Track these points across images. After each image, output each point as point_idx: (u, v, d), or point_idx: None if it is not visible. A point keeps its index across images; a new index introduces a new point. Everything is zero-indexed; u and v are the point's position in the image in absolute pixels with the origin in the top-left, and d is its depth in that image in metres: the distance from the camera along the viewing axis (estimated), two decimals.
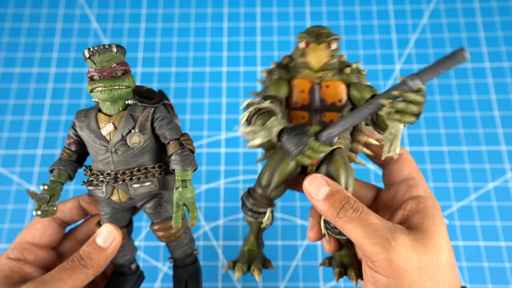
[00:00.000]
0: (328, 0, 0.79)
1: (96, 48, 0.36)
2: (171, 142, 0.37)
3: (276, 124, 0.33)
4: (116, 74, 0.37)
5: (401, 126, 0.30)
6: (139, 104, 0.38)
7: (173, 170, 0.37)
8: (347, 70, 0.37)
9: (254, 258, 0.41)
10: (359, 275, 0.39)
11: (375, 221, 0.33)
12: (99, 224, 0.41)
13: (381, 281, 0.32)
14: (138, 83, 0.41)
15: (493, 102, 0.70)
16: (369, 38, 0.76)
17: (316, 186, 0.35)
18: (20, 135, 0.70)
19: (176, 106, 0.73)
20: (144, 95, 0.40)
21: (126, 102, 0.38)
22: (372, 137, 0.39)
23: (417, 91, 0.28)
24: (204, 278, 0.61)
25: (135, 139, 0.37)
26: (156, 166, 0.38)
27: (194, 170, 0.37)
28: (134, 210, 0.43)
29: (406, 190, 0.38)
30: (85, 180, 0.39)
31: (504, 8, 0.76)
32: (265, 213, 0.39)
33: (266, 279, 0.61)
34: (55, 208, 0.37)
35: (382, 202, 0.41)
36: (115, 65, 0.37)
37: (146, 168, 0.37)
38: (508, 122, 0.69)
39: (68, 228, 0.44)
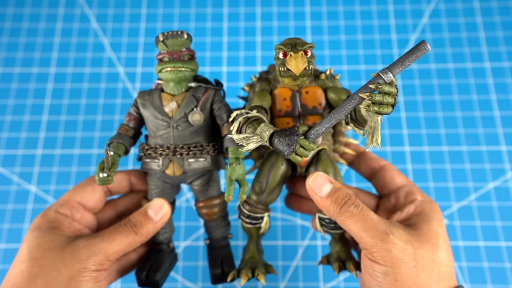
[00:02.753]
0: (328, 0, 0.79)
1: (170, 33, 0.41)
2: (226, 124, 0.41)
3: (266, 129, 0.34)
4: (184, 58, 0.41)
5: (379, 118, 0.33)
6: (203, 85, 0.42)
7: (226, 149, 0.40)
8: (322, 76, 0.40)
9: (257, 264, 0.42)
10: (357, 267, 0.41)
11: (374, 217, 0.36)
12: (146, 198, 0.43)
13: (379, 270, 0.34)
14: (138, 83, 0.42)
15: (493, 102, 0.70)
16: (369, 38, 0.76)
17: (320, 183, 0.37)
18: (20, 135, 0.70)
19: None
20: (202, 82, 0.44)
21: (189, 84, 0.42)
22: (350, 141, 0.45)
23: (390, 83, 0.31)
24: (204, 278, 0.61)
25: (197, 117, 0.40)
26: (210, 145, 0.42)
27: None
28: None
29: (405, 196, 0.40)
30: (142, 154, 0.42)
31: (504, 8, 0.76)
32: (262, 218, 0.42)
33: (266, 279, 0.61)
34: (112, 177, 0.39)
35: (385, 209, 0.44)
36: (184, 49, 0.41)
37: (201, 145, 0.41)
38: (508, 122, 0.69)
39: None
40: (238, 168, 0.39)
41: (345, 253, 0.43)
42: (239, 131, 0.36)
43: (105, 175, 0.39)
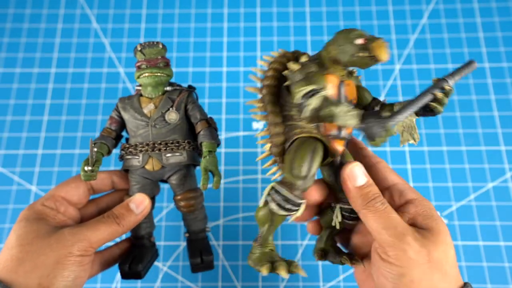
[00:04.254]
0: (328, 0, 0.79)
1: (147, 43, 0.46)
2: (200, 122, 0.46)
3: (351, 108, 0.35)
4: (160, 64, 0.46)
5: (415, 118, 0.37)
6: (177, 88, 0.47)
7: (201, 143, 0.45)
8: (355, 73, 0.41)
9: (278, 258, 0.41)
10: (354, 259, 0.43)
11: (396, 216, 0.37)
12: (128, 195, 0.47)
13: (393, 271, 0.35)
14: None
15: (492, 102, 0.70)
16: None
17: (356, 174, 0.38)
18: (20, 135, 0.70)
19: None
20: (176, 86, 0.49)
21: (165, 88, 0.46)
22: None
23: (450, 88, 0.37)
24: (204, 278, 0.61)
25: (172, 116, 0.45)
26: (186, 141, 0.46)
27: (218, 145, 0.46)
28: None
29: (399, 195, 0.41)
30: (123, 153, 0.46)
31: (503, 9, 0.77)
32: (300, 205, 0.39)
33: (266, 279, 0.61)
34: (96, 173, 0.43)
35: None
36: (160, 57, 0.46)
37: (178, 142, 0.45)
38: (507, 122, 0.69)
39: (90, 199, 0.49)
40: (211, 160, 0.43)
41: (337, 248, 0.45)
42: (318, 109, 0.36)
43: (89, 168, 0.42)
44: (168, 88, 0.47)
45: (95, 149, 0.44)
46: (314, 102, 0.36)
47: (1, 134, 0.70)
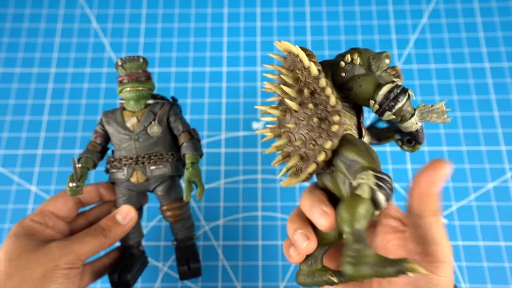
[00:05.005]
0: (328, 0, 0.79)
1: (127, 58, 0.47)
2: (182, 133, 0.47)
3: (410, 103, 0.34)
4: (141, 79, 0.47)
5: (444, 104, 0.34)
6: (159, 102, 0.48)
7: (184, 155, 0.46)
8: None
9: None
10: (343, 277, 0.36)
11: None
12: (115, 207, 0.48)
13: (437, 281, 0.31)
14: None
15: (492, 102, 0.70)
16: (369, 38, 0.76)
17: (443, 177, 0.31)
18: (20, 135, 0.70)
19: None
20: (159, 99, 0.50)
21: (147, 102, 0.47)
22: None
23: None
24: (204, 278, 0.61)
25: (155, 129, 0.46)
26: (169, 153, 0.46)
27: (201, 156, 0.46)
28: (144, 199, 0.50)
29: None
30: (109, 166, 0.47)
31: (503, 8, 0.77)
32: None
33: (266, 279, 0.61)
34: (82, 188, 0.44)
35: None
36: (141, 71, 0.47)
37: (161, 154, 0.46)
38: (507, 122, 0.69)
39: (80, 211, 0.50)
40: (194, 171, 0.44)
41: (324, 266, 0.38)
42: (395, 99, 0.34)
43: (74, 185, 0.44)
44: (150, 102, 0.47)
45: (79, 165, 0.45)
46: (404, 101, 0.33)
47: (0, 134, 0.70)
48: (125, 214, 0.45)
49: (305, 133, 0.35)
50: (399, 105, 0.33)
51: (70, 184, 0.44)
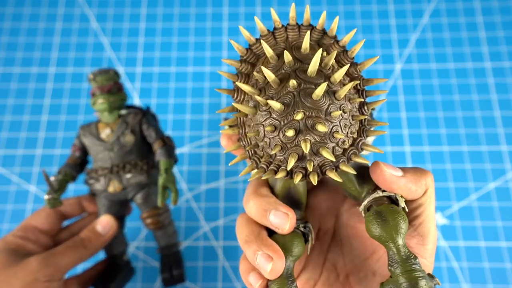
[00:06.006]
0: (328, 0, 0.79)
1: (98, 71, 0.48)
2: (156, 141, 0.48)
3: None
4: (113, 90, 0.48)
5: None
6: (131, 112, 0.49)
7: (157, 162, 0.47)
8: None
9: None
10: None
11: None
12: (97, 218, 0.49)
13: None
14: (138, 83, 0.46)
15: (493, 102, 0.70)
16: (369, 38, 0.75)
17: (389, 166, 0.31)
18: (19, 135, 0.70)
19: (176, 106, 0.73)
20: (132, 109, 0.51)
21: (120, 112, 0.48)
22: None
23: None
24: (204, 278, 0.61)
25: (128, 138, 0.47)
26: (144, 161, 0.48)
27: (175, 162, 0.48)
28: (126, 207, 0.51)
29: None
30: (88, 178, 0.48)
31: (505, 8, 0.76)
32: None
33: None
34: (60, 201, 0.45)
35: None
36: (112, 83, 0.48)
37: (136, 163, 0.47)
38: (508, 122, 0.68)
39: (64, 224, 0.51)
40: (168, 177, 0.45)
41: None
42: None
43: (50, 196, 0.45)
44: (123, 112, 0.49)
45: (52, 178, 0.46)
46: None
47: None
48: (105, 223, 0.46)
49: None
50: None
51: (46, 196, 0.45)
